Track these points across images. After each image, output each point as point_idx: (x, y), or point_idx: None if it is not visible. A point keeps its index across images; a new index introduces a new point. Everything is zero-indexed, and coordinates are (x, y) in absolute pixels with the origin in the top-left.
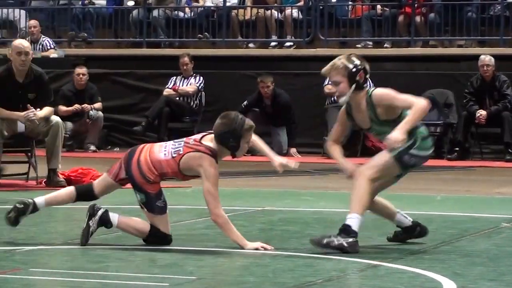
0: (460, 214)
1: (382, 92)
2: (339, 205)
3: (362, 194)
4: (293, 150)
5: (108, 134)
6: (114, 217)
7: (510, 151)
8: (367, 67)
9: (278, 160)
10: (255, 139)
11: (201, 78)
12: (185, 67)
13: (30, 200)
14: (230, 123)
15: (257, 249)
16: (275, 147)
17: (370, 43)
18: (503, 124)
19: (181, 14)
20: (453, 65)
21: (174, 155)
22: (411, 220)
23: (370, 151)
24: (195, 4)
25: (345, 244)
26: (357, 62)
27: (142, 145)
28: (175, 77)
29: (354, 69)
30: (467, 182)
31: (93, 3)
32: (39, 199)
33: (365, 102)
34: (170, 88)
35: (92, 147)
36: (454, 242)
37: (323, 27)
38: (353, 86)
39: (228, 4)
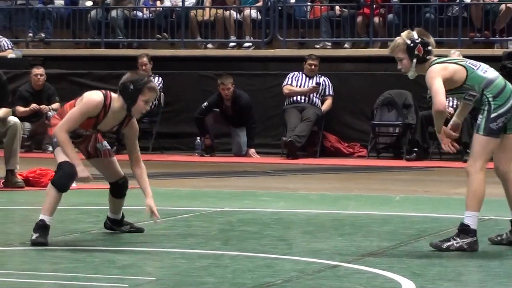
0: (418, 214)
1: (428, 73)
2: (297, 205)
3: (475, 190)
4: (252, 151)
5: None
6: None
7: (468, 151)
8: (428, 40)
9: (149, 202)
10: (143, 174)
11: (160, 78)
12: (143, 68)
13: None
14: (135, 75)
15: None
16: (234, 148)
17: (329, 43)
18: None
19: (139, 14)
20: None
21: None
22: None
23: (329, 152)
24: (155, 4)
25: (465, 246)
26: (415, 36)
27: None
28: None
29: (412, 44)
30: (426, 183)
31: (53, 3)
32: None
33: None
34: None
35: (51, 148)
36: (413, 243)
37: (281, 28)
38: (414, 60)
39: (186, 4)
